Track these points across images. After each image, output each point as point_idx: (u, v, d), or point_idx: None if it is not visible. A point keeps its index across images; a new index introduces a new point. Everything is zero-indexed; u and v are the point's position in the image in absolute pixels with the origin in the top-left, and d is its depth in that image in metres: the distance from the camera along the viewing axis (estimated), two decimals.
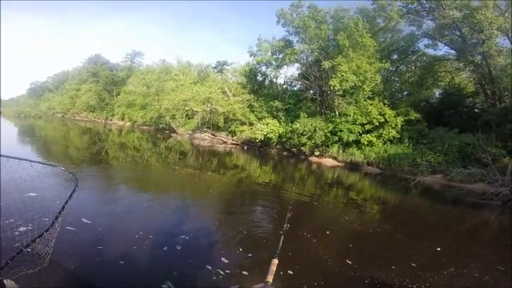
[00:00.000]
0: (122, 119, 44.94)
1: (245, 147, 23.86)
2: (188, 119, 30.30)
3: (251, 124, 24.33)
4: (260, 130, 21.49)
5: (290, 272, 3.91)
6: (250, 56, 26.52)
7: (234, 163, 16.48)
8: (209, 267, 3.84)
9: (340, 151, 19.11)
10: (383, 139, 18.39)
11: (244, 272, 3.86)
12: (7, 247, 3.10)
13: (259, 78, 28.99)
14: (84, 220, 4.88)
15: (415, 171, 15.18)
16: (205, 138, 27.41)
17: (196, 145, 23.50)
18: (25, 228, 2.64)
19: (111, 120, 47.91)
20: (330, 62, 18.66)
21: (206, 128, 28.14)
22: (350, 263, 4.36)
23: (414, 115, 18.80)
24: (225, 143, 26.09)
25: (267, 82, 29.35)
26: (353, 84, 18.21)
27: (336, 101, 20.11)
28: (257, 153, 21.93)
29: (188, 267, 3.84)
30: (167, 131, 32.84)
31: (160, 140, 25.07)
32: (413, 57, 23.46)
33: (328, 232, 5.80)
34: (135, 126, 40.25)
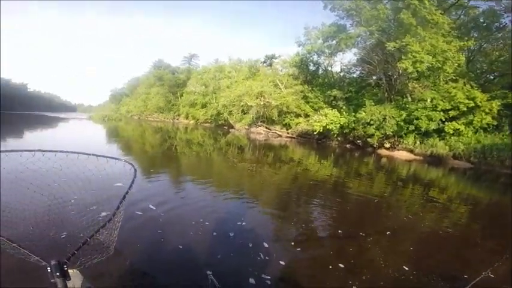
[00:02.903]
0: (187, 117, 48.69)
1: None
2: (244, 114, 30.82)
3: (307, 116, 23.23)
4: (318, 121, 20.21)
5: (341, 265, 3.73)
6: (299, 46, 25.55)
7: (290, 157, 15.77)
8: (255, 256, 3.82)
9: (417, 142, 16.49)
10: (474, 127, 15.11)
11: (282, 262, 3.71)
12: (76, 237, 3.45)
13: (312, 67, 27.69)
14: (150, 206, 5.31)
15: None
16: (260, 132, 27.41)
17: (252, 139, 23.56)
18: (93, 218, 2.69)
19: (177, 119, 52.38)
20: (396, 43, 16.33)
21: (261, 122, 28.13)
22: (407, 269, 3.71)
23: None
24: (280, 136, 25.58)
25: (320, 71, 27.85)
26: (430, 66, 15.57)
27: (409, 85, 17.49)
28: (315, 146, 20.68)
29: (235, 254, 3.90)
30: (225, 127, 34.01)
31: (220, 136, 25.88)
32: (499, 35, 18.87)
33: (388, 232, 5.10)
34: (198, 123, 42.93)
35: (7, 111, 60.93)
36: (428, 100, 16.67)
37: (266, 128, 27.60)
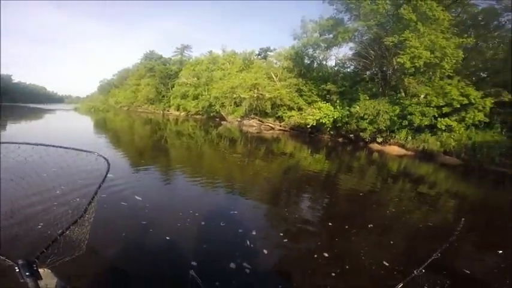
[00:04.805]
0: (178, 109, 47.80)
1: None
2: (236, 106, 30.41)
3: (300, 109, 23.08)
4: (312, 115, 20.05)
5: (326, 254, 3.85)
6: (294, 39, 25.30)
7: (282, 150, 15.58)
8: (242, 243, 3.93)
9: (409, 137, 16.50)
10: (466, 124, 15.20)
11: (265, 251, 3.81)
12: (45, 234, 3.27)
13: (307, 61, 27.38)
14: (136, 197, 5.25)
15: (510, 163, 12.17)
16: (253, 125, 27.11)
17: (244, 132, 23.31)
18: (64, 214, 2.46)
19: (168, 111, 51.37)
20: (395, 38, 16.23)
21: (254, 114, 27.81)
22: (384, 259, 3.79)
23: (508, 96, 15.12)
24: (273, 129, 25.39)
25: (315, 65, 27.60)
26: (427, 61, 15.56)
27: (404, 80, 17.42)
28: (307, 139, 20.57)
29: (222, 242, 3.97)
30: (217, 119, 33.66)
31: (211, 128, 25.60)
32: (495, 33, 19.03)
33: (370, 225, 5.16)
34: (189, 115, 42.35)
35: None
36: (422, 96, 16.67)
37: (259, 120, 27.32)
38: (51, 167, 2.52)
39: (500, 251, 4.38)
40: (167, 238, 3.86)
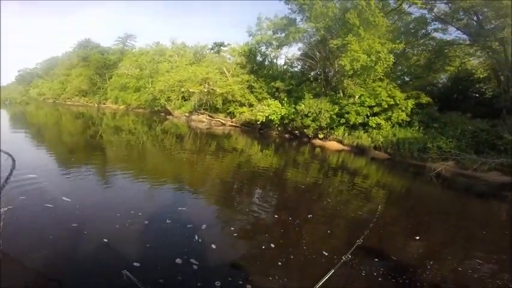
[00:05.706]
0: (116, 102, 43.48)
1: None
2: (184, 100, 29.14)
3: (251, 105, 23.36)
4: (261, 111, 20.49)
5: (272, 245, 4.00)
6: (249, 35, 25.35)
7: (233, 146, 15.60)
8: (190, 239, 3.86)
9: (346, 134, 18.20)
10: (392, 122, 17.48)
11: (213, 246, 3.78)
12: None
13: (259, 58, 27.90)
14: (64, 198, 4.78)
15: (425, 157, 14.46)
16: (202, 121, 26.40)
17: (193, 127, 22.54)
18: None
19: (104, 104, 46.36)
20: (339, 41, 17.53)
21: (203, 109, 27.07)
22: (326, 254, 3.97)
23: (425, 98, 17.89)
24: (224, 125, 25.16)
25: (266, 62, 28.29)
26: (364, 64, 17.15)
27: (344, 81, 19.04)
28: (257, 135, 21.02)
29: (168, 238, 3.85)
30: (163, 114, 31.79)
31: (155, 123, 24.10)
32: (421, 41, 22.21)
33: (310, 216, 5.48)
34: (130, 109, 38.99)
35: None
36: (357, 96, 18.52)
37: (209, 116, 26.71)
38: None
39: (417, 237, 4.97)
40: (104, 240, 3.51)
